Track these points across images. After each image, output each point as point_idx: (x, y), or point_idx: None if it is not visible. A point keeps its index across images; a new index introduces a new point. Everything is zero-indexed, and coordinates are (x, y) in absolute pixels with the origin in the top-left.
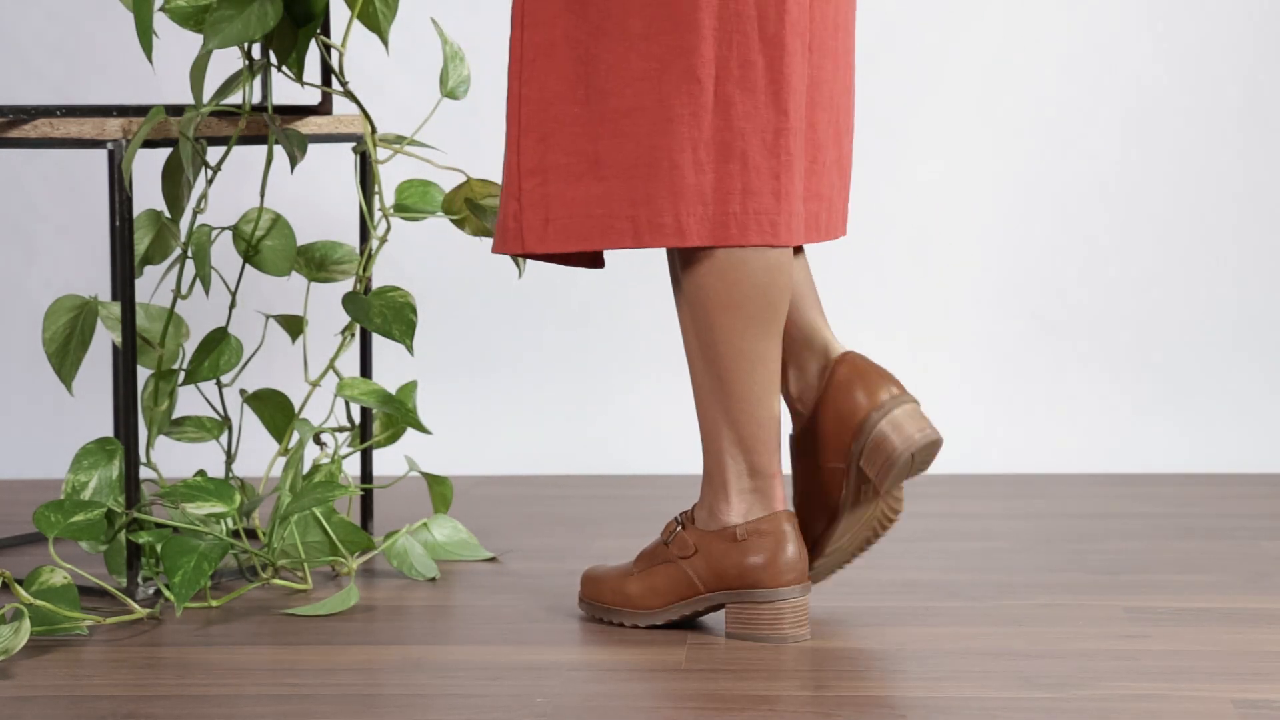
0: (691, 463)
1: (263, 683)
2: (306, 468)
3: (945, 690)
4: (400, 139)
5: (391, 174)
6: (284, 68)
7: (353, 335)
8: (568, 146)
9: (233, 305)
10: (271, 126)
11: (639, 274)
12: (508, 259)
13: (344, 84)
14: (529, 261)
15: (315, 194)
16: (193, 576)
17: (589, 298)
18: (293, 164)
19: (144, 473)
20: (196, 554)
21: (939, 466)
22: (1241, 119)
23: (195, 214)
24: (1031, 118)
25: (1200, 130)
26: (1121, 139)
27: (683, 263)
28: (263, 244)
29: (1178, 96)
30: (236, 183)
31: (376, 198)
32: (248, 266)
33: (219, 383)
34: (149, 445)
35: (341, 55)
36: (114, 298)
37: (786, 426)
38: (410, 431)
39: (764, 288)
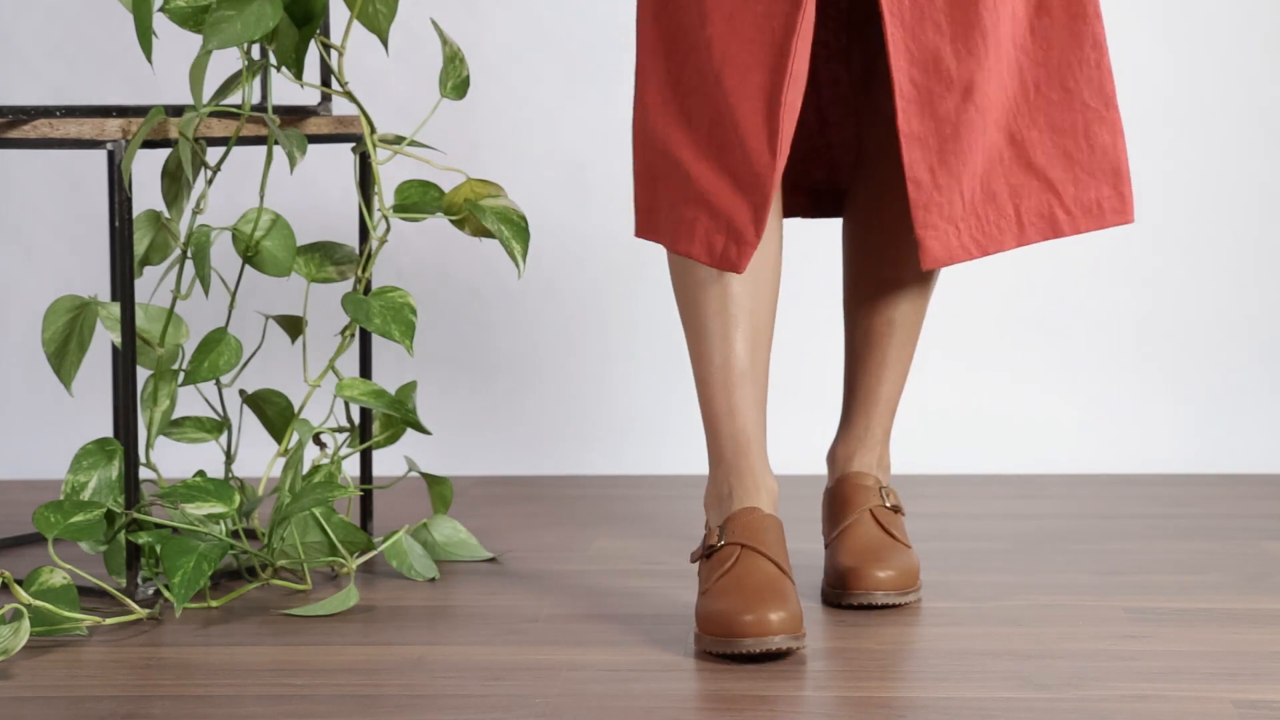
0: (691, 462)
1: (263, 683)
2: (306, 468)
3: (945, 690)
4: (400, 139)
5: (391, 174)
6: (283, 68)
7: (352, 335)
8: None
9: (232, 305)
10: (271, 127)
11: (639, 274)
12: (507, 260)
13: (344, 84)
14: (528, 261)
15: (315, 194)
16: (192, 577)
17: (588, 297)
18: (292, 164)
19: (144, 473)
20: (196, 554)
21: (939, 467)
22: (1242, 118)
23: (195, 214)
24: None
25: (1201, 130)
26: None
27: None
28: (262, 244)
29: (1178, 96)
30: (236, 183)
31: (376, 198)
32: (247, 267)
33: (219, 383)
34: (148, 445)
35: (341, 55)
36: (113, 298)
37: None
38: (410, 431)
39: None
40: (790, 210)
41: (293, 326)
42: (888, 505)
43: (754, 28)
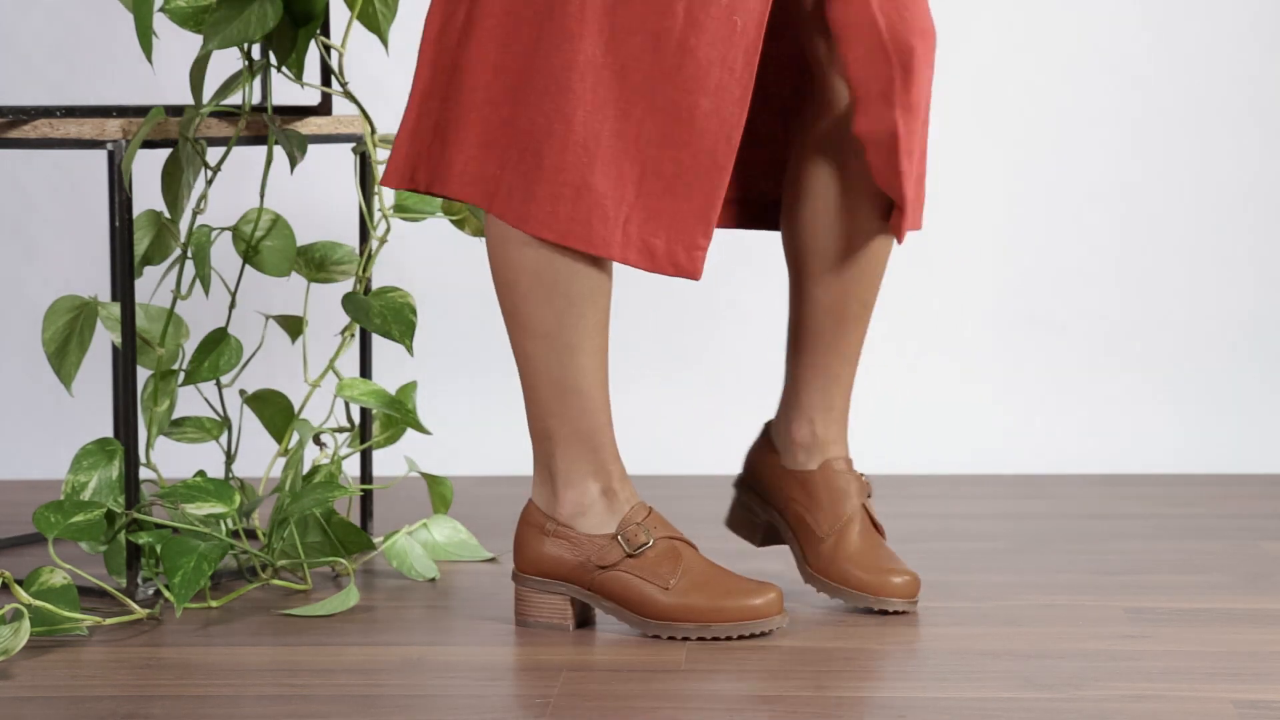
0: (690, 462)
1: (263, 683)
2: (306, 468)
3: (945, 690)
4: None
5: None
6: (284, 68)
7: (352, 335)
8: None
9: (233, 305)
10: (271, 127)
11: (637, 272)
12: None
13: (344, 84)
14: None
15: (315, 194)
16: (192, 577)
17: None
18: (292, 164)
19: (144, 473)
20: (196, 554)
21: (939, 466)
22: (1242, 118)
23: (195, 214)
24: (1032, 118)
25: (1201, 130)
26: (1122, 139)
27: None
28: (263, 244)
29: (1179, 97)
30: (236, 183)
31: (376, 198)
32: (248, 267)
33: (219, 383)
34: (149, 445)
35: (341, 55)
36: (114, 298)
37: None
38: (410, 432)
39: None
40: (729, 221)
41: (293, 326)
42: (869, 495)
43: (718, 21)
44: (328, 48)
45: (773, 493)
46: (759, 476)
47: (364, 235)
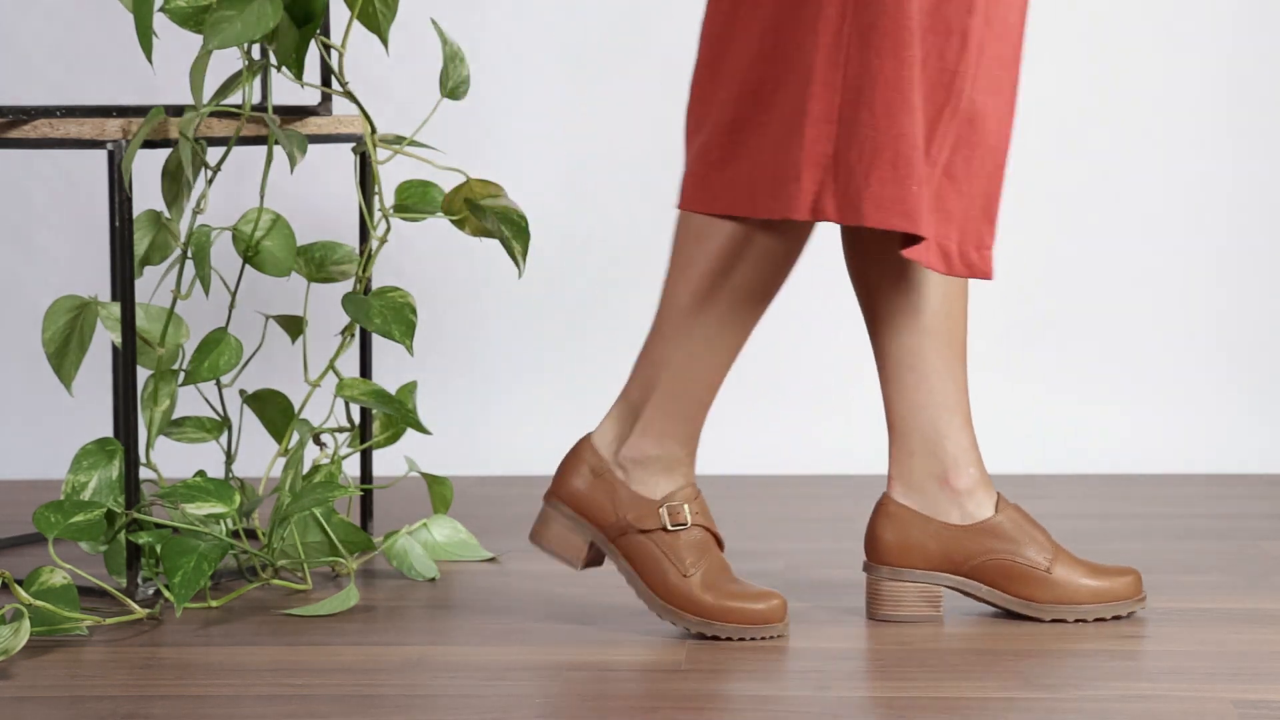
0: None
1: (263, 683)
2: (306, 468)
3: (945, 690)
4: (400, 139)
5: (391, 174)
6: (284, 68)
7: (352, 335)
8: None
9: (233, 305)
10: (271, 127)
11: (639, 273)
12: (507, 260)
13: (344, 84)
14: (528, 261)
15: (315, 194)
16: (192, 577)
17: (589, 297)
18: (292, 164)
19: (144, 473)
20: (196, 554)
21: None
22: (1248, 115)
23: (195, 214)
24: (1035, 117)
25: (1200, 130)
26: (1125, 139)
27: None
28: (263, 244)
29: (1184, 95)
30: (236, 183)
31: (376, 198)
32: (248, 267)
33: (219, 383)
34: (149, 445)
35: (341, 55)
36: (114, 298)
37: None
38: (410, 431)
39: None
40: None
41: (293, 326)
42: None
43: (1003, 21)
44: (328, 48)
45: (953, 556)
46: (919, 550)
47: (364, 235)
